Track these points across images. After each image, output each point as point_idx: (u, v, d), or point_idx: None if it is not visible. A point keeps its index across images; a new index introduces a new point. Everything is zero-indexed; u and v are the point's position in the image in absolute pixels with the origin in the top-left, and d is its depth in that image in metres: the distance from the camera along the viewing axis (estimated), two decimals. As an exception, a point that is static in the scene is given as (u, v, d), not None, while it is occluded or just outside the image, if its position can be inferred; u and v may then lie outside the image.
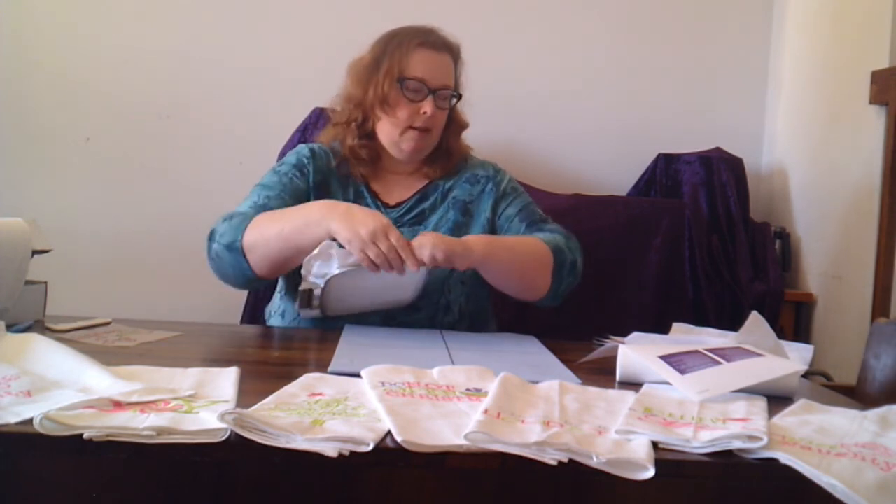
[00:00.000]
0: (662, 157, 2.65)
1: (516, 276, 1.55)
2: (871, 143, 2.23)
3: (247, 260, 1.46)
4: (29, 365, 0.95)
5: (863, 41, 2.31)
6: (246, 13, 2.68)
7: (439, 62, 1.63)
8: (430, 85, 1.60)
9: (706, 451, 0.79)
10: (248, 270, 1.47)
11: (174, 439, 0.75)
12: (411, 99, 1.60)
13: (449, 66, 1.65)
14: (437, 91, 1.60)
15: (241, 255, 1.45)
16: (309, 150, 1.68)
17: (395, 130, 1.62)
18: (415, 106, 1.60)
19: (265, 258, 1.45)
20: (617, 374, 1.14)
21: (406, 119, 1.61)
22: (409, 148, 1.62)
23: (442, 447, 0.76)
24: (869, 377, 1.30)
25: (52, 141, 2.63)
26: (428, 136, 1.63)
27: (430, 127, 1.62)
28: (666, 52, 2.79)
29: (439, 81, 1.61)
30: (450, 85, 1.64)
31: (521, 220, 1.66)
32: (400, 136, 1.62)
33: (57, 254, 1.44)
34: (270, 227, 1.44)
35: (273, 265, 1.47)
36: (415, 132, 1.61)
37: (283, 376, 0.99)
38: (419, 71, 1.60)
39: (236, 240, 1.45)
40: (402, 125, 1.61)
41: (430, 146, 1.66)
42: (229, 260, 1.47)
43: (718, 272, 2.48)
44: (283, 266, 1.48)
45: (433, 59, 1.62)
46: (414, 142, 1.62)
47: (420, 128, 1.61)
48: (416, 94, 1.60)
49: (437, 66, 1.62)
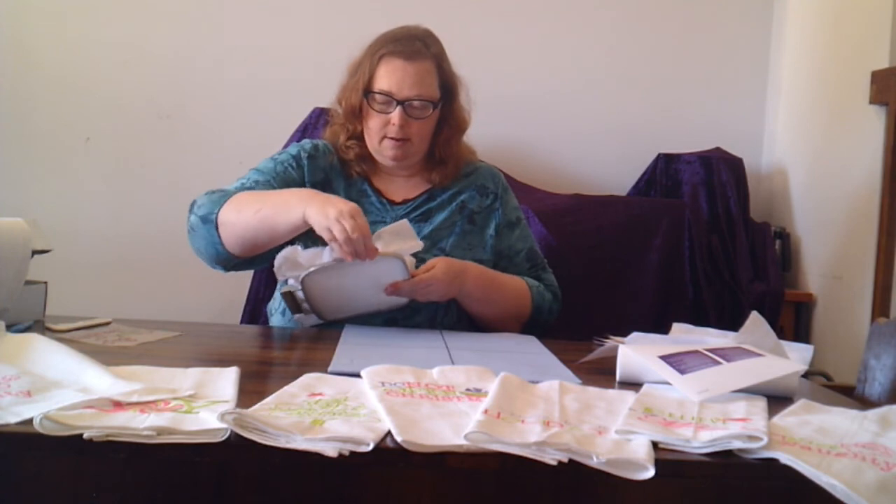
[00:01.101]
0: (662, 157, 2.65)
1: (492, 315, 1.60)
2: (871, 143, 2.23)
3: (219, 234, 1.48)
4: (29, 365, 0.95)
5: (863, 41, 2.31)
6: (246, 13, 2.68)
7: (409, 71, 1.58)
8: (396, 97, 1.57)
9: (706, 451, 0.79)
10: (218, 245, 1.49)
11: (174, 439, 0.74)
12: (379, 111, 1.59)
13: (423, 73, 1.59)
14: (405, 102, 1.57)
15: (215, 228, 1.48)
16: (312, 146, 1.68)
17: (373, 140, 1.62)
18: (385, 117, 1.59)
19: (238, 235, 1.47)
20: (617, 374, 1.14)
21: (379, 129, 1.60)
22: (389, 156, 1.61)
23: (442, 447, 0.76)
24: (869, 377, 1.30)
25: (52, 141, 2.63)
26: (407, 144, 1.60)
27: (405, 137, 1.59)
28: (666, 52, 2.79)
29: (408, 91, 1.57)
30: (422, 94, 1.58)
31: (526, 259, 1.69)
32: (378, 146, 1.62)
33: (57, 254, 1.44)
34: (248, 205, 1.46)
35: (245, 244, 1.48)
36: (391, 141, 1.60)
37: (283, 376, 0.99)
38: (384, 83, 1.58)
39: (212, 213, 1.48)
40: (376, 135, 1.61)
41: (413, 154, 1.63)
42: (202, 232, 1.50)
43: (718, 272, 2.48)
44: (253, 247, 1.49)
45: (401, 68, 1.58)
46: (392, 150, 1.60)
47: (394, 138, 1.59)
48: (384, 107, 1.58)
49: (405, 75, 1.57)
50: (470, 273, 1.54)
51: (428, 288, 1.47)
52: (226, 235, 1.48)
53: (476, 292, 1.55)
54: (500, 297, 1.59)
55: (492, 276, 1.60)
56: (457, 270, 1.51)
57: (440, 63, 1.63)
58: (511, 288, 1.61)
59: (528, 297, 1.62)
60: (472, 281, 1.53)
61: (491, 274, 1.60)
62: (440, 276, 1.48)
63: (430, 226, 1.62)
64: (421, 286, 1.46)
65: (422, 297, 1.48)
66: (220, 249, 1.50)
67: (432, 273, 1.48)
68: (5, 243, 1.27)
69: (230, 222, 1.47)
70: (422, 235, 1.59)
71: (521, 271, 1.67)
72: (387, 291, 1.45)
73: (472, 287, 1.54)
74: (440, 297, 1.51)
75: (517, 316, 1.62)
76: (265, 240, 1.48)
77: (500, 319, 1.60)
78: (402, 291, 1.45)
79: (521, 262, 1.68)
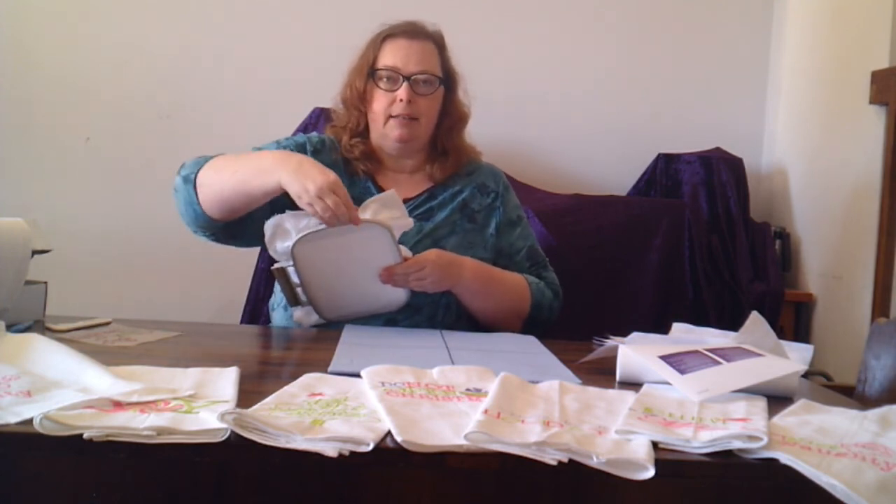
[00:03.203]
0: (662, 157, 2.65)
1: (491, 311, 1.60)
2: (871, 143, 2.23)
3: (197, 194, 1.48)
4: (29, 365, 0.95)
5: (863, 41, 2.31)
6: (246, 13, 2.68)
7: (413, 48, 1.59)
8: (403, 72, 1.58)
9: (706, 451, 0.79)
10: (196, 205, 1.49)
11: (174, 439, 0.74)
12: (386, 89, 1.59)
13: (428, 52, 1.61)
14: (412, 77, 1.57)
15: (193, 188, 1.48)
16: (319, 140, 1.68)
17: (378, 124, 1.62)
18: (391, 95, 1.58)
19: (214, 196, 1.47)
20: (617, 374, 1.14)
21: (384, 109, 1.59)
22: (394, 136, 1.60)
23: (442, 447, 0.76)
24: (869, 377, 1.30)
25: (52, 141, 2.63)
26: (414, 124, 1.60)
27: (413, 114, 1.59)
28: (666, 53, 2.79)
29: (414, 67, 1.58)
30: (427, 69, 1.59)
31: (527, 257, 1.69)
32: (384, 128, 1.61)
33: (57, 254, 1.44)
34: (226, 167, 1.47)
35: (222, 206, 1.48)
36: (396, 120, 1.59)
37: (283, 376, 0.99)
38: (389, 60, 1.59)
39: (192, 173, 1.49)
40: (381, 117, 1.60)
41: (419, 135, 1.62)
42: (182, 192, 1.51)
43: (718, 272, 2.48)
44: (231, 209, 1.49)
45: (405, 46, 1.59)
46: (398, 129, 1.59)
47: (400, 115, 1.58)
48: (391, 84, 1.58)
49: (410, 52, 1.59)
50: (467, 266, 1.54)
51: (421, 272, 1.46)
52: (203, 196, 1.48)
53: (474, 285, 1.55)
54: (498, 292, 1.59)
55: (490, 270, 1.60)
56: (451, 259, 1.52)
57: (441, 47, 1.65)
58: (510, 283, 1.61)
59: (527, 292, 1.62)
60: (469, 273, 1.53)
61: (489, 268, 1.60)
62: (433, 258, 1.48)
63: (431, 224, 1.62)
64: (413, 269, 1.46)
65: (416, 285, 1.48)
66: (199, 210, 1.50)
67: (424, 255, 1.48)
68: (5, 243, 1.27)
69: (208, 183, 1.47)
70: (423, 234, 1.59)
71: (522, 269, 1.67)
72: (381, 277, 1.45)
73: (469, 280, 1.53)
74: (435, 286, 1.49)
75: (517, 312, 1.62)
76: (242, 201, 1.47)
77: (500, 315, 1.60)
78: (397, 277, 1.45)
79: (522, 261, 1.68)
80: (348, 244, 1.43)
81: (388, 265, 1.45)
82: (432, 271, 1.47)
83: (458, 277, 1.52)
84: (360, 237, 1.42)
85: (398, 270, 1.45)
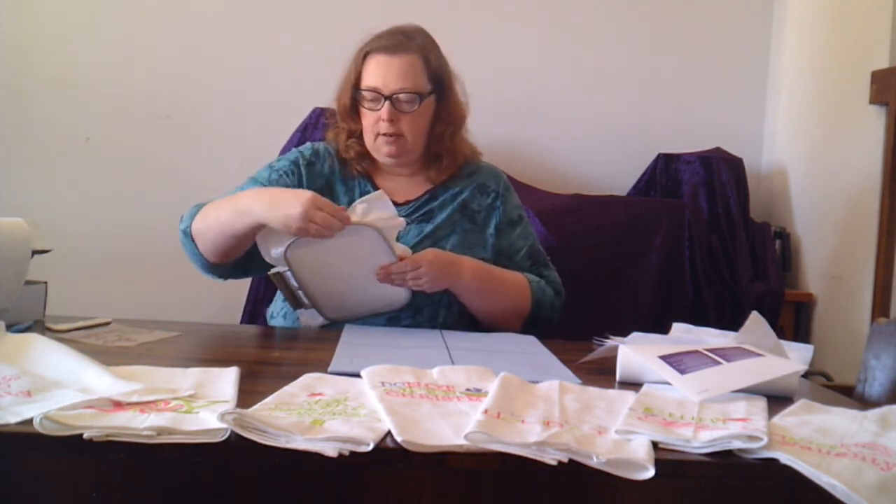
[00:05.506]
0: (662, 157, 2.65)
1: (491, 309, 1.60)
2: (871, 143, 2.23)
3: (196, 245, 1.53)
4: (29, 365, 0.95)
5: (863, 41, 2.31)
6: (246, 13, 2.68)
7: (393, 65, 1.58)
8: (383, 91, 1.57)
9: (706, 451, 0.79)
10: (199, 255, 1.55)
11: (174, 439, 0.74)
12: (368, 108, 1.60)
13: (408, 67, 1.59)
14: (393, 96, 1.57)
15: (191, 240, 1.53)
16: (312, 152, 1.68)
17: (368, 139, 1.63)
18: (375, 114, 1.59)
19: (210, 244, 1.52)
20: (617, 374, 1.14)
21: (371, 126, 1.61)
22: (384, 153, 1.61)
23: (442, 447, 0.76)
24: (869, 377, 1.30)
25: (52, 141, 2.63)
26: (401, 140, 1.60)
27: (398, 132, 1.59)
28: (666, 53, 2.79)
29: (395, 85, 1.57)
30: (407, 87, 1.57)
31: (528, 257, 1.68)
32: (374, 143, 1.62)
33: (57, 254, 1.44)
34: (211, 214, 1.51)
35: (217, 251, 1.53)
36: (384, 138, 1.59)
37: (283, 376, 0.99)
38: (370, 79, 1.59)
39: (188, 226, 1.54)
40: (370, 134, 1.62)
41: (409, 150, 1.63)
42: (186, 245, 1.56)
43: (718, 272, 2.48)
44: (227, 252, 1.53)
45: (385, 63, 1.58)
46: (386, 147, 1.60)
47: (387, 133, 1.59)
48: (373, 104, 1.59)
49: (389, 69, 1.58)
50: (465, 265, 1.54)
51: (417, 272, 1.47)
52: (202, 245, 1.53)
53: (473, 284, 1.55)
54: (498, 291, 1.59)
55: (489, 270, 1.60)
56: (448, 258, 1.52)
57: (426, 56, 1.62)
58: (510, 282, 1.61)
59: (527, 291, 1.61)
60: (468, 273, 1.54)
61: (488, 267, 1.60)
62: (430, 257, 1.49)
63: (432, 225, 1.62)
64: (409, 267, 1.46)
65: (413, 284, 1.48)
66: (203, 259, 1.55)
67: (421, 254, 1.49)
68: (5, 243, 1.27)
69: (200, 233, 1.52)
70: (423, 235, 1.60)
71: (523, 269, 1.66)
72: (378, 276, 1.46)
73: (468, 279, 1.54)
74: (432, 285, 1.50)
75: (517, 311, 1.61)
76: (232, 244, 1.51)
77: (500, 314, 1.60)
78: (393, 276, 1.46)
79: (522, 260, 1.68)
80: (340, 246, 1.43)
81: (383, 264, 1.46)
82: (429, 270, 1.47)
83: (456, 277, 1.52)
84: (350, 240, 1.43)
85: (394, 269, 1.46)
